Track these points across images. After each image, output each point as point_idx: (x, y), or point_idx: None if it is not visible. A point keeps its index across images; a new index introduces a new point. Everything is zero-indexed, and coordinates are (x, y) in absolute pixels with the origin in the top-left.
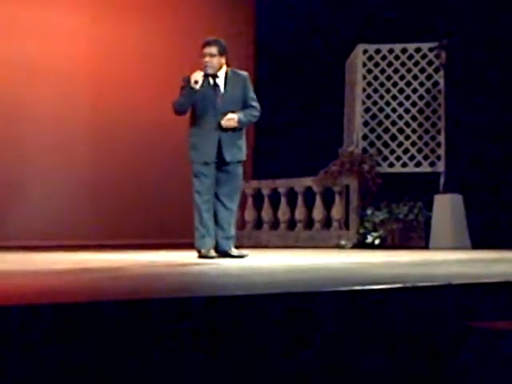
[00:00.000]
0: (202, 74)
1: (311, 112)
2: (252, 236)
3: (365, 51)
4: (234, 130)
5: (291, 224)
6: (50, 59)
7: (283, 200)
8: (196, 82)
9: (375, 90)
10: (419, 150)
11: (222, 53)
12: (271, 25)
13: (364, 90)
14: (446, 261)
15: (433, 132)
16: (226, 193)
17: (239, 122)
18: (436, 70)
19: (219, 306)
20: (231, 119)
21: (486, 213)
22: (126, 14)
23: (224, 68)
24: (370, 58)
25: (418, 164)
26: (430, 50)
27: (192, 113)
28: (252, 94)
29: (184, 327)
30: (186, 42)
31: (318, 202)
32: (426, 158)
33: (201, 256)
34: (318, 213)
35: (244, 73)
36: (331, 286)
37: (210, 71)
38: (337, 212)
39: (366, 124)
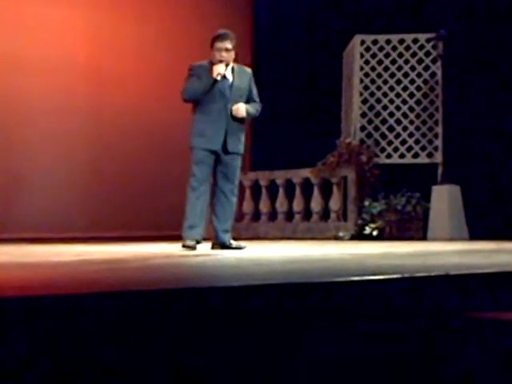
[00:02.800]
0: (224, 66)
1: (309, 103)
2: (250, 227)
3: (362, 42)
4: (238, 121)
5: (289, 215)
6: (48, 54)
7: (281, 191)
8: (219, 75)
9: (372, 81)
10: (417, 141)
11: (234, 47)
12: (269, 16)
13: (361, 80)
14: (443, 251)
15: (430, 123)
16: (227, 185)
17: (247, 112)
18: (433, 61)
19: (217, 296)
20: (240, 108)
21: (483, 204)
22: (125, 11)
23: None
24: (368, 49)
25: (416, 155)
26: (428, 40)
27: (199, 100)
28: (256, 91)
29: (183, 318)
30: (184, 37)
31: (316, 193)
32: (423, 149)
33: (184, 246)
34: (315, 204)
35: (249, 69)
36: (329, 277)
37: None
38: (335, 203)
39: (363, 115)
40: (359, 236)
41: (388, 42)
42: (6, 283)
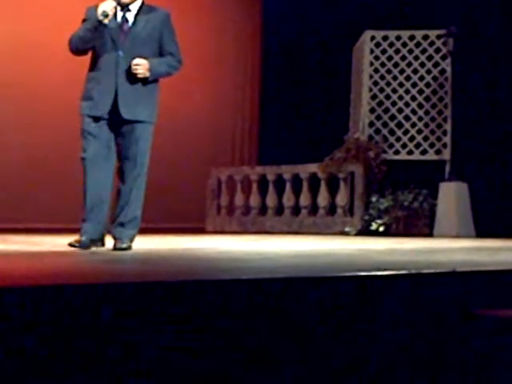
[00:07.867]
0: (114, 4)
1: (317, 98)
2: (256, 222)
3: (372, 38)
4: (142, 80)
5: (296, 210)
6: (57, 40)
7: (288, 186)
8: (105, 15)
9: (382, 77)
10: (425, 138)
11: None
12: (278, 10)
13: (371, 76)
14: (450, 248)
15: (439, 120)
16: (124, 163)
17: (151, 70)
18: (443, 58)
19: (223, 289)
20: (140, 65)
21: (490, 201)
22: None
23: (139, 0)
24: (378, 45)
25: (424, 152)
26: (438, 37)
27: (92, 53)
28: (173, 39)
29: (189, 311)
30: (192, 32)
31: (323, 188)
32: (431, 145)
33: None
34: (322, 199)
35: (164, 11)
36: (334, 272)
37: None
38: (341, 199)
39: (372, 111)
40: (365, 232)
41: (398, 38)
42: (11, 273)
